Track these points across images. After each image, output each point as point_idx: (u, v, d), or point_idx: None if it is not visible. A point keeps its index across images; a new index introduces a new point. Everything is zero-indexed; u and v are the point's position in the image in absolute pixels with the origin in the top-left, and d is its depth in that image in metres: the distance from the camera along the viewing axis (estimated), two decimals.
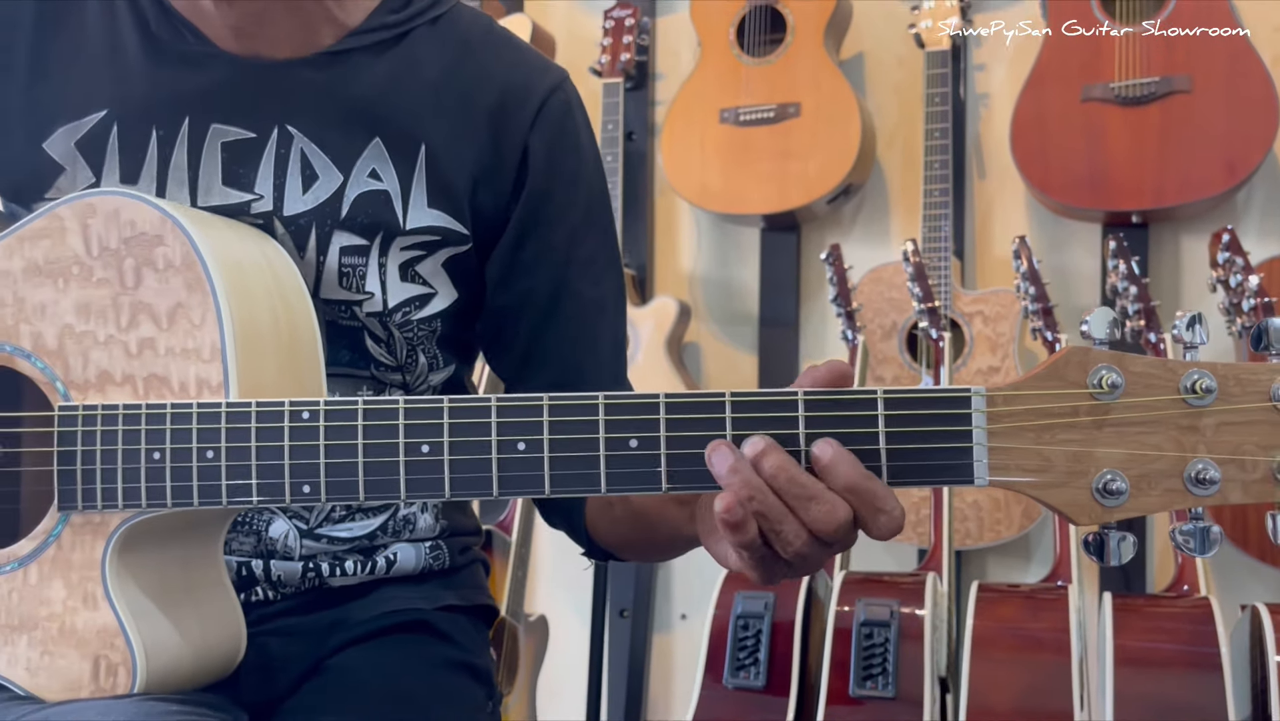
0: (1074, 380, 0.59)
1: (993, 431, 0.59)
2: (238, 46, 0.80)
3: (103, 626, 0.68)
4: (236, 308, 0.69)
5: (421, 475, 0.63)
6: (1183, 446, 0.58)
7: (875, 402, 0.59)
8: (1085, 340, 0.62)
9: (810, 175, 2.05)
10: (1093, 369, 0.58)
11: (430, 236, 0.81)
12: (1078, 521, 0.59)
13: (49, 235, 0.72)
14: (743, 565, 0.62)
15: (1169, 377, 0.58)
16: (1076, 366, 0.59)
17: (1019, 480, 0.59)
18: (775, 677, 1.43)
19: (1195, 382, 0.58)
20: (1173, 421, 0.58)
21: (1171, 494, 0.58)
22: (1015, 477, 0.59)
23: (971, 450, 0.59)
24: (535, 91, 0.84)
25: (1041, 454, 0.59)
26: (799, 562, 0.60)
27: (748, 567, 0.61)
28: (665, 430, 0.61)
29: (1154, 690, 1.29)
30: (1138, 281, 1.63)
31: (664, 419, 0.61)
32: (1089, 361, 0.59)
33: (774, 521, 0.58)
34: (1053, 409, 0.59)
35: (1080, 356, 0.59)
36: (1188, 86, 1.85)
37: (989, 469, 0.59)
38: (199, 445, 0.66)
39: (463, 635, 0.88)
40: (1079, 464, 0.58)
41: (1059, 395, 0.59)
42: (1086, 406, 0.59)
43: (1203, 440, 0.58)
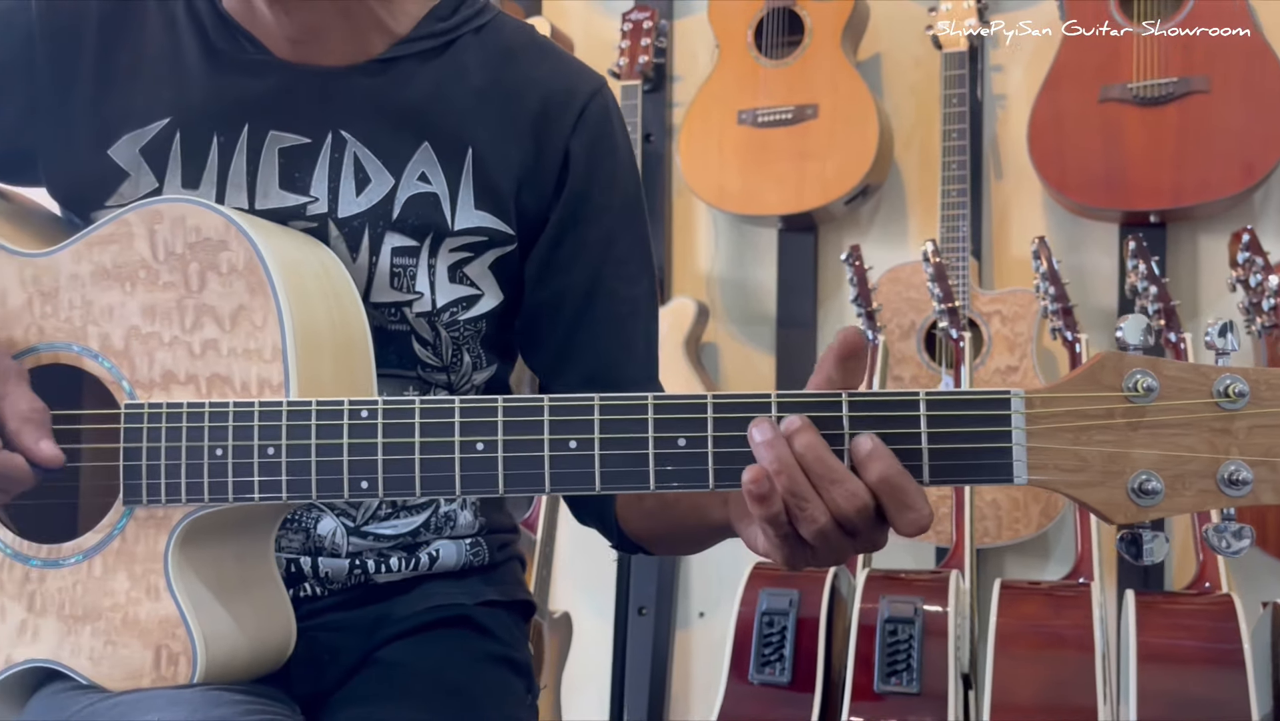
0: (1109, 384, 0.61)
1: (1031, 432, 0.61)
2: (293, 54, 0.82)
3: (165, 616, 0.71)
4: (296, 310, 0.71)
5: (476, 471, 0.66)
6: (1216, 448, 0.60)
7: (918, 404, 0.61)
8: (1118, 345, 0.64)
9: (828, 176, 2.06)
10: (1127, 373, 0.60)
11: (477, 237, 0.84)
12: (1113, 520, 0.61)
13: (117, 240, 0.74)
14: (769, 546, 0.64)
15: (1202, 382, 0.60)
16: (1112, 370, 0.61)
17: (1057, 479, 0.61)
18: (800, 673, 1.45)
19: (1228, 387, 0.60)
20: (1206, 424, 0.60)
21: (1205, 494, 0.60)
22: (1053, 477, 0.61)
23: (1011, 450, 0.61)
24: (576, 97, 0.86)
25: (1079, 454, 0.61)
26: (821, 546, 0.62)
27: (773, 549, 0.63)
28: (712, 430, 0.63)
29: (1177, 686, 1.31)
30: (1158, 281, 1.65)
31: (711, 418, 0.63)
32: (1124, 366, 0.61)
33: (799, 498, 0.60)
34: (1089, 411, 0.61)
35: (1115, 361, 0.61)
36: (1206, 87, 1.86)
37: (1028, 468, 0.61)
38: (260, 442, 0.69)
39: (503, 630, 0.91)
40: (1115, 464, 0.60)
41: (1095, 398, 0.61)
42: (1122, 409, 0.60)
43: (1235, 442, 0.60)
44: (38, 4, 0.83)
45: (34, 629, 0.73)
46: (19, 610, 0.74)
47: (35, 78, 0.82)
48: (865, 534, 0.62)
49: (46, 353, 0.75)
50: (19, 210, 0.85)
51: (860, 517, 0.61)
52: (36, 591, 0.74)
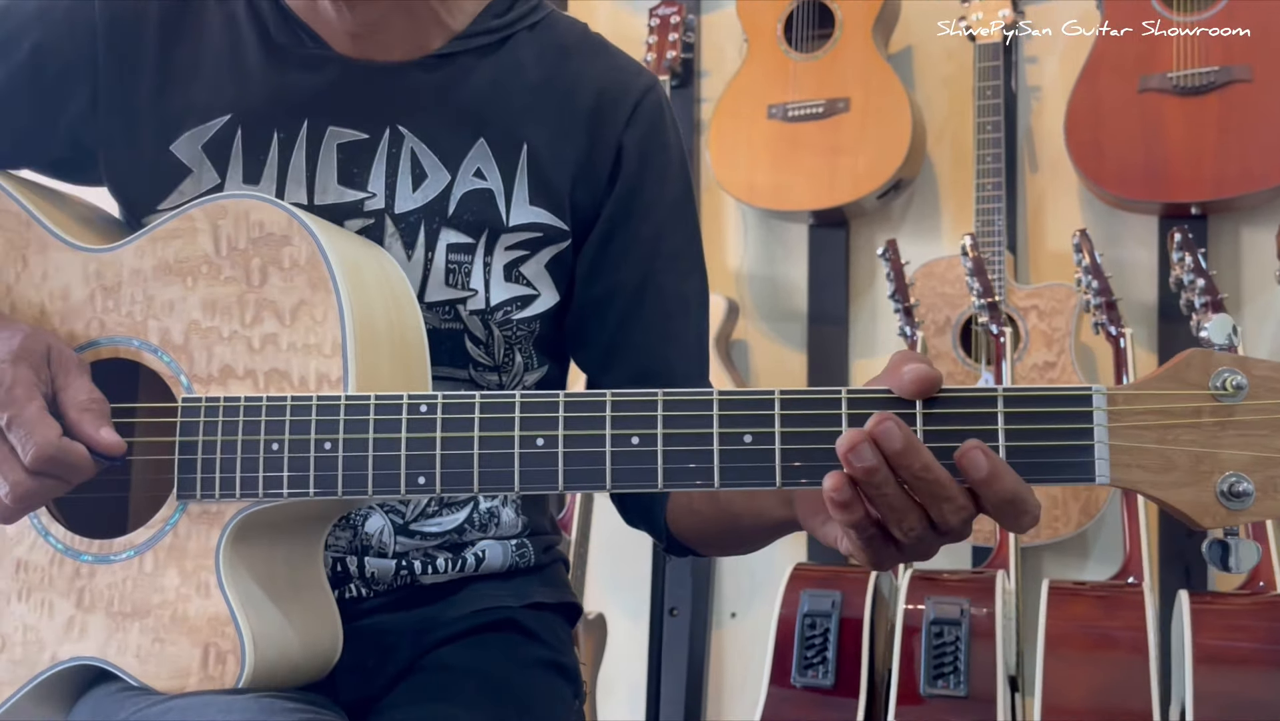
0: (1195, 382, 0.59)
1: (1114, 430, 0.59)
2: (353, 50, 0.82)
3: (214, 614, 0.70)
4: (357, 306, 0.70)
5: (535, 467, 0.64)
6: None
7: (995, 400, 0.59)
8: (1204, 342, 0.61)
9: (860, 171, 2.04)
10: (1215, 371, 0.59)
11: (532, 234, 0.83)
12: (1201, 524, 0.59)
13: (181, 235, 0.74)
14: (853, 548, 0.62)
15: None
16: (1198, 368, 0.59)
17: (1141, 479, 0.59)
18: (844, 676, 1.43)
19: None
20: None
21: None
22: (1137, 477, 0.59)
23: (1093, 449, 0.59)
24: (630, 93, 0.86)
25: (1164, 454, 0.59)
26: (913, 547, 0.60)
27: (858, 550, 0.61)
28: (780, 426, 0.61)
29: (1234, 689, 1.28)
30: (1205, 274, 1.61)
31: (779, 415, 0.61)
32: (1211, 364, 0.59)
33: (897, 512, 0.58)
34: (1175, 409, 0.59)
35: (1202, 359, 0.59)
36: (1248, 75, 1.83)
37: (1111, 467, 0.59)
38: (317, 436, 0.68)
39: (549, 633, 0.90)
40: (1203, 465, 0.58)
41: (1181, 396, 0.59)
42: (1210, 408, 0.58)
43: None
44: (100, 2, 0.82)
45: (82, 625, 0.73)
46: (68, 606, 0.73)
47: (98, 76, 0.82)
48: (958, 532, 0.60)
49: (106, 347, 0.75)
50: (78, 208, 0.85)
51: (964, 525, 0.59)
52: (86, 587, 0.73)
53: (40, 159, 0.86)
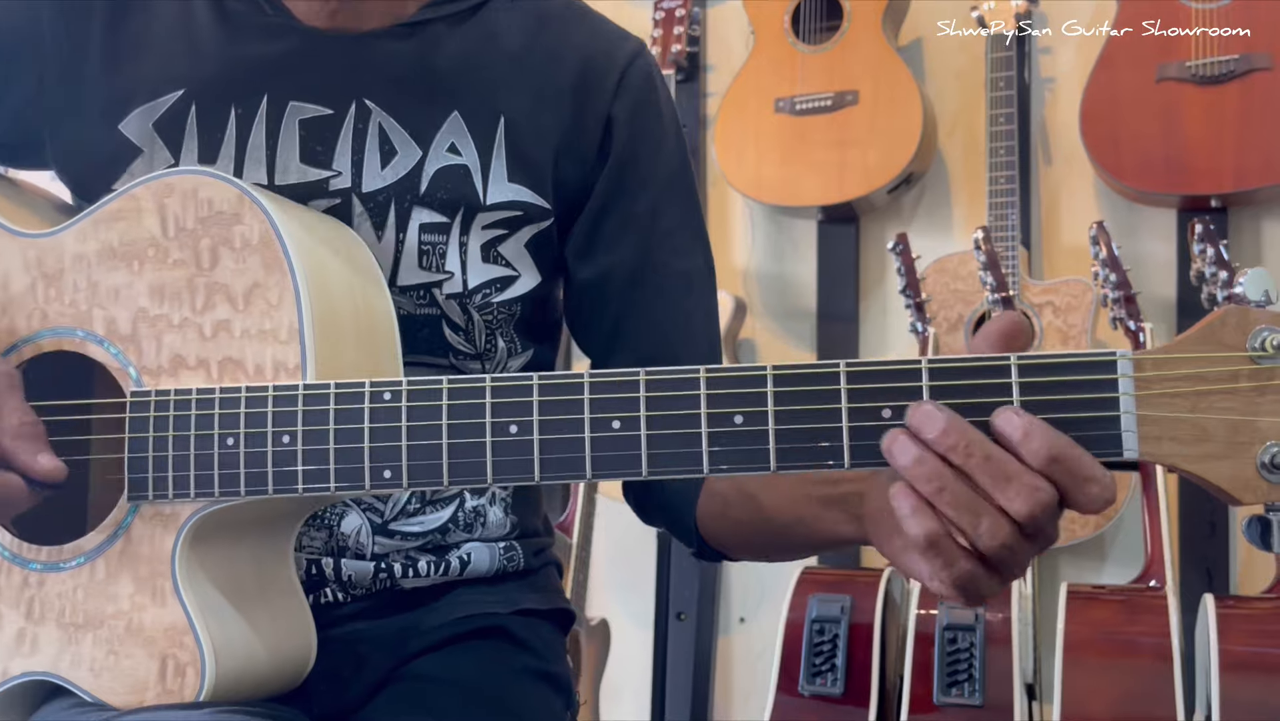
0: (1232, 343, 0.53)
1: (1141, 399, 0.53)
2: (316, 18, 0.78)
3: (171, 624, 0.65)
4: (315, 288, 0.66)
5: (510, 456, 0.60)
6: None
7: (1008, 369, 0.54)
8: (1238, 300, 0.56)
9: (870, 165, 2.00)
10: (1253, 330, 0.53)
11: (511, 212, 0.79)
12: (1242, 500, 0.53)
13: (125, 217, 0.70)
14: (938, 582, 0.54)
15: None
16: (1234, 329, 0.53)
17: (1173, 451, 0.53)
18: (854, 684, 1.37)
19: None
20: None
21: None
22: (1169, 450, 0.53)
23: (1119, 419, 0.53)
24: (616, 61, 0.82)
25: (1198, 424, 0.53)
26: (1005, 560, 0.53)
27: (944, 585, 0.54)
28: (773, 404, 0.56)
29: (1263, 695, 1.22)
30: (1228, 266, 1.56)
31: (771, 392, 0.57)
32: (1248, 322, 0.53)
33: (973, 516, 0.52)
34: (1209, 374, 0.53)
35: (1238, 317, 0.53)
36: (1269, 64, 1.78)
37: (1139, 439, 0.53)
38: (274, 429, 0.63)
39: (540, 642, 0.85)
40: (1241, 435, 0.53)
41: (1215, 359, 0.53)
42: (1247, 371, 0.53)
43: None
44: None
45: (32, 638, 0.68)
46: (17, 618, 0.69)
47: (43, 54, 0.79)
48: (1046, 530, 0.53)
49: (49, 339, 0.71)
50: (23, 193, 0.80)
51: (1046, 515, 0.52)
52: (35, 597, 0.69)
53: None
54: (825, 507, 0.67)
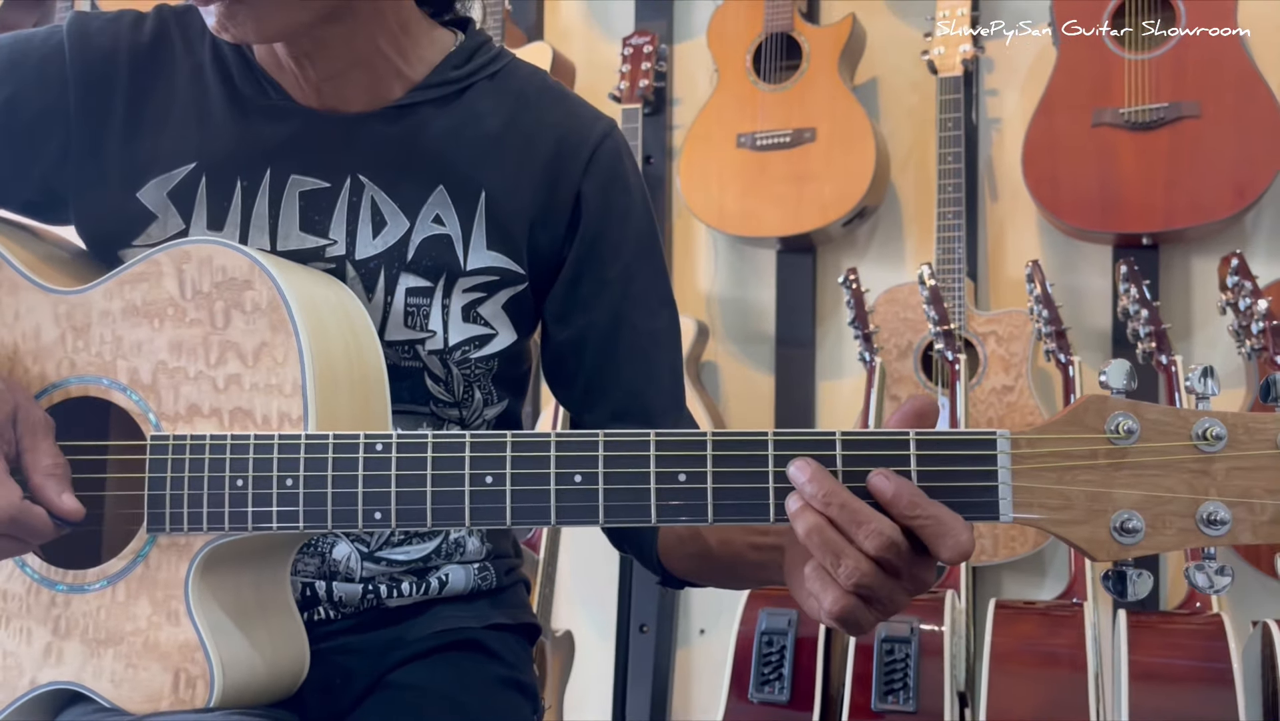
0: (1093, 425, 0.63)
1: (1017, 472, 0.63)
2: (316, 101, 0.85)
3: (184, 641, 0.73)
4: (316, 347, 0.74)
5: (485, 504, 0.68)
6: (1195, 489, 0.62)
7: (908, 443, 0.64)
8: (1103, 386, 0.66)
9: (825, 198, 2.10)
10: (1110, 415, 0.62)
11: (489, 277, 0.87)
12: (1096, 557, 0.63)
13: (147, 279, 0.77)
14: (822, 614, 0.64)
15: (1181, 425, 0.62)
16: (1095, 413, 0.63)
17: (1042, 517, 0.63)
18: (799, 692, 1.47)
19: (1206, 430, 0.62)
20: (1185, 466, 0.62)
21: (1185, 533, 0.62)
22: (1038, 515, 0.63)
23: (997, 489, 0.63)
24: (587, 140, 0.89)
25: (1063, 493, 0.63)
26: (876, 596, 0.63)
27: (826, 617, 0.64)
28: (712, 465, 0.66)
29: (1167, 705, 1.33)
30: (1149, 305, 1.68)
31: (710, 455, 0.66)
32: (1106, 408, 0.63)
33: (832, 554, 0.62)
34: (1073, 451, 0.63)
35: (1099, 404, 0.63)
36: (1196, 112, 1.89)
37: (1013, 506, 0.63)
38: (279, 473, 0.71)
39: (510, 653, 0.93)
40: (1098, 503, 0.62)
41: (1079, 439, 0.63)
42: (1105, 450, 0.63)
43: (1214, 484, 0.62)
44: (72, 54, 0.85)
45: (59, 651, 0.76)
46: (45, 633, 0.76)
47: (70, 124, 0.85)
48: (908, 571, 0.63)
49: (76, 386, 0.78)
50: (51, 250, 0.87)
51: (895, 555, 0.61)
52: (62, 615, 0.76)
53: (12, 201, 0.89)
54: (756, 553, 0.77)
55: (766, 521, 0.65)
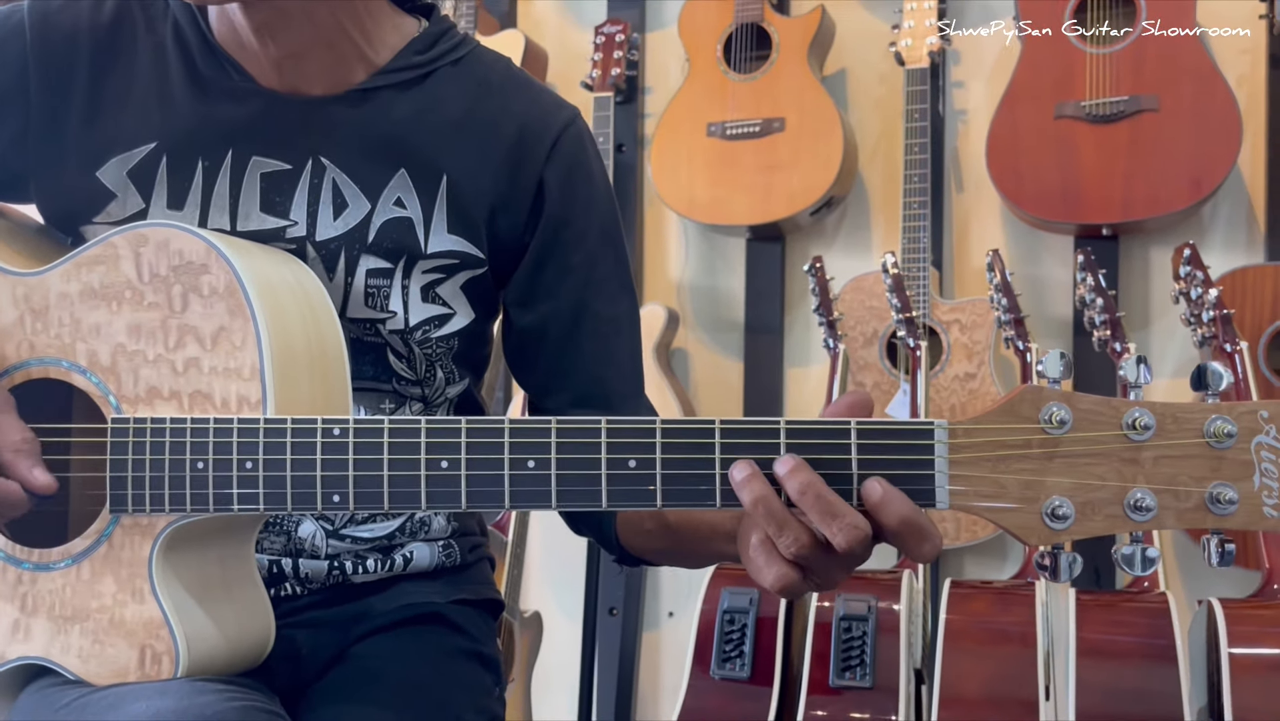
0: (1027, 416, 0.65)
1: (954, 461, 0.65)
2: (277, 82, 0.86)
3: (149, 619, 0.74)
4: (274, 331, 0.75)
5: (440, 488, 0.70)
6: (1124, 477, 0.64)
7: (849, 432, 0.66)
8: (1040, 376, 0.69)
9: (794, 188, 2.12)
10: (1044, 406, 0.65)
11: (449, 260, 0.88)
12: (1029, 542, 0.66)
13: (104, 262, 0.77)
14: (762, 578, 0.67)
15: (1112, 415, 0.64)
16: (1030, 403, 0.65)
17: (977, 504, 0.66)
18: (759, 669, 1.51)
19: (1136, 420, 0.64)
20: (1115, 454, 0.64)
21: (1113, 519, 0.65)
22: (973, 502, 0.66)
23: (934, 477, 0.66)
24: (550, 128, 0.90)
25: (997, 481, 0.65)
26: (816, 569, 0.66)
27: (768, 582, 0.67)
28: (660, 452, 0.68)
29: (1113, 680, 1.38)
30: (1104, 294, 1.72)
31: (659, 442, 0.68)
32: (1041, 399, 0.65)
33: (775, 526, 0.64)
34: (1008, 441, 0.65)
35: (1033, 395, 0.65)
36: (1155, 105, 1.93)
37: (949, 494, 0.66)
38: (239, 456, 0.73)
39: (473, 626, 0.95)
40: (1031, 491, 0.65)
41: (1014, 429, 0.65)
42: (1039, 440, 0.65)
43: (1142, 471, 0.64)
44: (32, 33, 0.86)
45: (26, 628, 0.77)
46: (12, 610, 0.78)
47: (29, 104, 0.86)
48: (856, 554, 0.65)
49: (37, 368, 0.79)
50: (12, 228, 0.88)
51: (861, 547, 0.64)
52: (28, 593, 0.77)
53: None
54: (713, 527, 0.79)
55: (713, 506, 0.67)
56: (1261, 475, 0.64)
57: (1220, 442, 0.64)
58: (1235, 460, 0.64)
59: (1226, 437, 0.64)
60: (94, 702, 0.72)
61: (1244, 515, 0.64)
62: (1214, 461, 0.64)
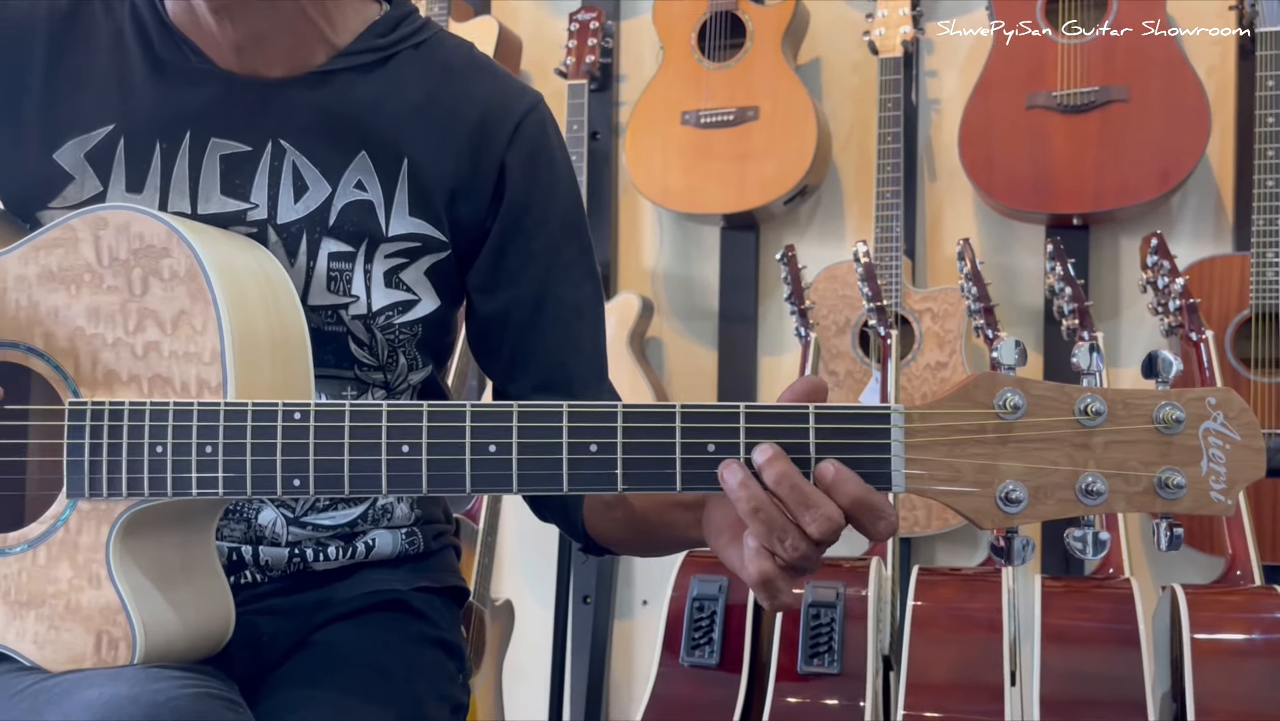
0: (982, 401, 0.66)
1: (910, 445, 0.66)
2: (237, 65, 0.85)
3: (106, 604, 0.74)
4: (235, 315, 0.74)
5: (401, 473, 0.70)
6: (1075, 461, 0.65)
7: (807, 416, 0.67)
8: (998, 365, 0.69)
9: (768, 176, 2.12)
10: (999, 391, 0.66)
11: (411, 243, 0.88)
12: (982, 525, 0.67)
13: (63, 245, 0.77)
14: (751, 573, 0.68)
15: (1065, 400, 0.66)
16: (984, 389, 0.66)
17: (932, 488, 0.67)
18: (728, 656, 1.52)
19: (1087, 406, 0.65)
20: (1067, 439, 0.65)
21: (1064, 503, 0.66)
22: (929, 486, 0.67)
23: (890, 461, 0.66)
24: (512, 112, 0.90)
25: (952, 465, 0.66)
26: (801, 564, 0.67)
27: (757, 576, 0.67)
28: (622, 437, 0.68)
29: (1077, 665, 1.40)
30: (1073, 283, 1.73)
31: (621, 426, 0.68)
32: (995, 385, 0.66)
33: (780, 531, 0.65)
34: (963, 426, 0.66)
35: (988, 380, 0.66)
36: (1125, 96, 1.95)
37: (906, 477, 0.67)
38: (198, 441, 0.72)
39: (436, 613, 0.95)
40: (985, 475, 0.66)
41: (968, 414, 0.66)
42: (993, 425, 0.66)
43: (1093, 456, 0.65)
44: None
45: None
46: None
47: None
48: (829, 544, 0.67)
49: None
50: None
51: (835, 535, 0.66)
52: None
53: None
54: (683, 511, 0.79)
55: (673, 490, 0.68)
56: (1209, 460, 0.65)
57: (1169, 429, 0.65)
58: (1183, 446, 0.65)
59: (1175, 424, 0.65)
60: (47, 689, 0.72)
61: (1191, 499, 0.65)
62: (1163, 447, 0.65)
